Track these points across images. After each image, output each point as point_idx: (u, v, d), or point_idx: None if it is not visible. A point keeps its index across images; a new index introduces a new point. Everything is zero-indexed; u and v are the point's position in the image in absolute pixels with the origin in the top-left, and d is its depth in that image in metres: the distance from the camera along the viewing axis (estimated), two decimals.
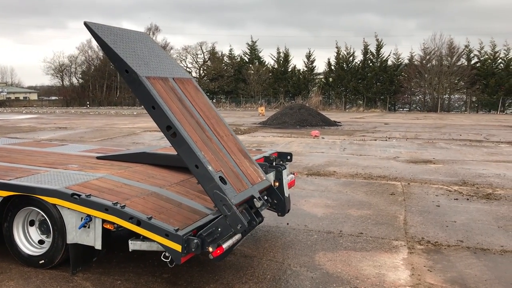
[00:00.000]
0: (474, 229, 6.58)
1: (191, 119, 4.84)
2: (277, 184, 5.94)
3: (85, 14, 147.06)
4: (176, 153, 6.44)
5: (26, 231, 5.07)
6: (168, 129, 4.49)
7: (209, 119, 5.20)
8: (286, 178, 6.17)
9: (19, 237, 5.05)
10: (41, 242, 5.05)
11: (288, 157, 6.67)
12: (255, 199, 4.84)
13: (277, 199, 5.67)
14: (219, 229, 4.29)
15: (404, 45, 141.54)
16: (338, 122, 28.91)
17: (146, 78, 4.61)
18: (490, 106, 51.53)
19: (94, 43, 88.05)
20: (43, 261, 4.89)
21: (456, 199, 8.33)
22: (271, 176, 5.99)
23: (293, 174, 6.76)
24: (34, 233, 5.08)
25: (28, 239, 5.07)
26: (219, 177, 4.47)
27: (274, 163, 6.26)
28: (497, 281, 4.80)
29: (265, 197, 5.60)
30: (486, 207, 7.79)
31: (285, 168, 6.19)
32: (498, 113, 48.80)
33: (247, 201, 4.76)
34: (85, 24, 4.67)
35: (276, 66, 62.94)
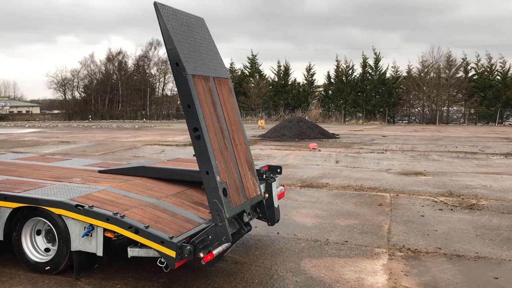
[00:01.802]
0: (453, 237, 6.99)
1: (216, 125, 5.19)
2: (267, 195, 6.35)
3: (72, 29, 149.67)
4: (172, 167, 6.93)
5: (33, 240, 5.49)
6: (195, 130, 4.85)
7: (231, 125, 5.55)
8: (276, 190, 6.59)
9: (27, 246, 5.46)
10: (47, 250, 5.47)
11: (278, 170, 7.09)
12: (245, 214, 5.37)
13: (265, 211, 6.13)
14: (210, 237, 4.74)
15: (391, 58, 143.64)
16: (336, 135, 29.32)
17: (192, 77, 4.89)
18: (488, 118, 51.97)
19: (97, 57, 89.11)
20: (49, 267, 5.30)
21: (441, 209, 8.75)
22: (262, 188, 6.42)
23: (283, 186, 7.18)
24: (41, 241, 5.50)
25: (35, 247, 5.49)
26: (223, 188, 4.90)
27: (264, 175, 6.68)
28: (466, 284, 5.21)
29: (256, 209, 6.08)
30: (468, 217, 8.20)
31: (275, 180, 6.63)
32: (496, 125, 49.23)
33: (238, 213, 5.25)
34: (155, 4, 4.82)
35: (276, 79, 63.64)
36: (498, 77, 53.78)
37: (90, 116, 67.33)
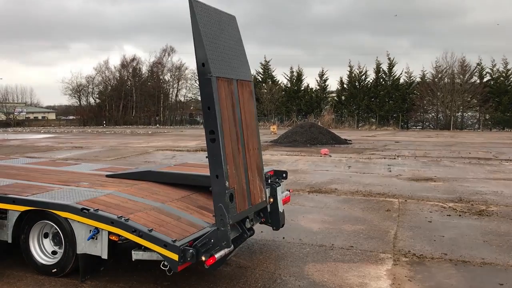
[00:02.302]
0: (460, 243, 6.94)
1: (233, 129, 5.16)
2: (271, 200, 6.39)
3: (84, 36, 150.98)
4: (178, 171, 7.00)
5: (41, 242, 5.60)
6: (211, 133, 4.83)
7: (247, 130, 5.51)
8: (281, 194, 6.62)
9: (34, 248, 5.57)
10: (54, 252, 5.56)
11: (284, 175, 7.12)
12: (247, 220, 5.42)
13: (269, 216, 6.17)
14: (212, 241, 4.78)
15: (402, 63, 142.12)
16: (348, 140, 29.22)
17: (216, 79, 4.85)
18: (504, 123, 51.33)
19: (112, 63, 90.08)
20: (55, 269, 5.40)
21: (449, 215, 8.68)
22: (267, 192, 6.45)
23: (289, 191, 7.20)
24: (48, 244, 5.60)
25: (43, 250, 5.59)
26: (230, 194, 4.92)
27: (269, 180, 6.71)
28: None
29: (260, 213, 6.13)
30: (477, 222, 8.13)
31: (280, 185, 6.65)
32: None
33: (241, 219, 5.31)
34: (190, 1, 4.76)
35: (289, 85, 63.70)
36: None
37: (104, 122, 68.06)
